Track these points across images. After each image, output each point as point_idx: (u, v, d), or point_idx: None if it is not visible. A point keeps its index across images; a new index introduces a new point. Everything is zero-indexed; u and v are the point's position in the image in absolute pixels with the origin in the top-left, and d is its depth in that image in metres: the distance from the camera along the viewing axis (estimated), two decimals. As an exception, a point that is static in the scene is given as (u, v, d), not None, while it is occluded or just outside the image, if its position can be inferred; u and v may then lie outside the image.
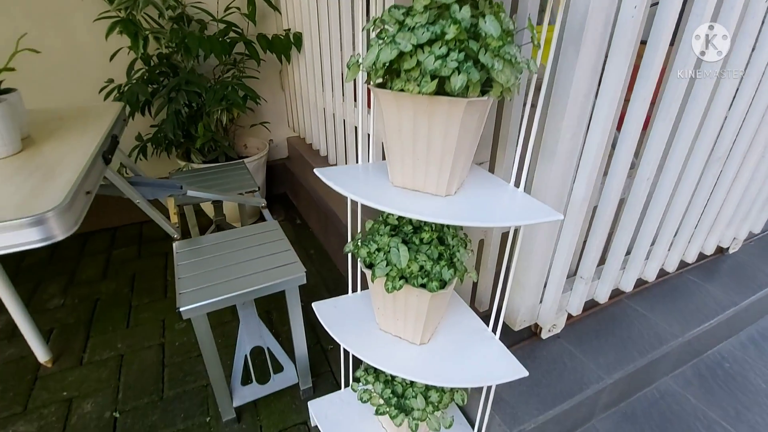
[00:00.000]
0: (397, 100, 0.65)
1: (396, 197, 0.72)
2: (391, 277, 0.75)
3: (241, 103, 1.85)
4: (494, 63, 0.57)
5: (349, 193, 0.74)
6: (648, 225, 1.21)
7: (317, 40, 1.82)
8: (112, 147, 1.16)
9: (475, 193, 0.75)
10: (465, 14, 0.55)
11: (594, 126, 0.91)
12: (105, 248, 2.06)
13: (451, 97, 0.61)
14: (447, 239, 0.79)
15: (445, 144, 0.66)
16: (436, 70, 0.57)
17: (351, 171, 0.84)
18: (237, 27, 1.95)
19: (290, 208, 2.47)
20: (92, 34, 1.84)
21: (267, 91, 2.34)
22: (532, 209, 0.71)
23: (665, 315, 1.41)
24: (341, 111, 1.75)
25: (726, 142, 1.22)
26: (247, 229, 1.29)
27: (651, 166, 1.06)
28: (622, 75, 0.86)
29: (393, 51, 0.58)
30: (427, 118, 0.65)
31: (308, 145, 2.29)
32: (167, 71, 1.89)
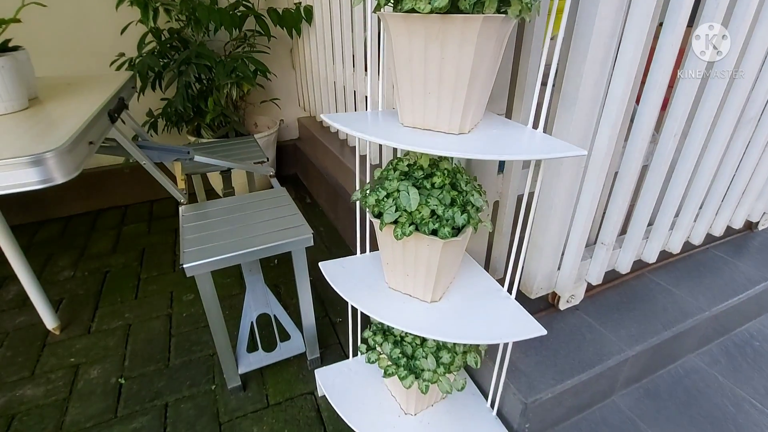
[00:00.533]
0: (408, 24, 0.61)
1: (406, 135, 0.68)
2: (400, 224, 0.71)
3: (251, 77, 1.83)
4: (513, -28, 0.52)
5: (356, 132, 0.69)
6: (673, 190, 1.14)
7: (328, 12, 1.79)
8: (118, 107, 1.14)
9: (490, 132, 0.71)
10: None
11: (618, 72, 0.85)
12: (116, 224, 2.07)
13: (465, 14, 0.56)
14: (460, 185, 0.74)
15: (459, 72, 0.62)
16: (449, -19, 0.52)
17: (360, 115, 0.80)
18: (247, 1, 1.92)
19: (300, 188, 2.45)
20: (103, 7, 1.83)
21: (277, 69, 2.31)
22: (552, 146, 0.65)
23: (691, 289, 1.34)
24: (352, 82, 1.71)
25: (759, 101, 1.14)
26: (255, 195, 1.27)
27: (678, 122, 0.99)
28: (650, 13, 0.80)
29: (403, -40, 0.53)
30: (440, 43, 0.60)
31: (319, 124, 2.25)
32: (178, 45, 1.88)
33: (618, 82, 0.86)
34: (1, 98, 0.94)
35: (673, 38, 0.85)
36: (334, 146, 2.00)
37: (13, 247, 1.28)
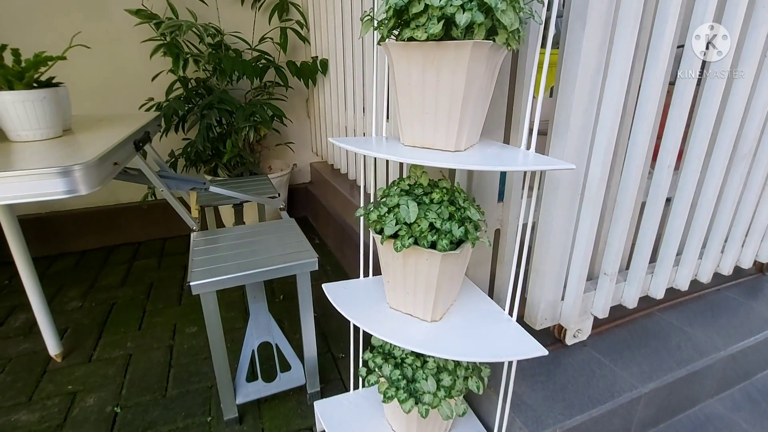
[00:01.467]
0: (407, 52, 0.68)
1: (406, 152, 0.73)
2: (400, 237, 0.73)
3: (268, 121, 1.95)
4: (497, 3, 0.59)
5: (361, 150, 0.75)
6: (673, 223, 1.16)
7: (341, 64, 1.94)
8: (143, 138, 1.23)
9: (485, 150, 0.75)
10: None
11: (606, 102, 0.91)
12: (127, 259, 2.12)
13: (457, 41, 0.63)
14: (458, 201, 0.78)
15: (453, 94, 0.68)
16: (442, 7, 0.59)
17: (364, 139, 0.86)
18: (269, 55, 2.11)
19: (310, 230, 2.50)
20: (138, 57, 2.02)
21: (293, 117, 2.47)
22: (544, 161, 0.69)
23: (705, 328, 1.30)
24: (362, 125, 1.82)
25: (750, 138, 1.18)
26: (264, 224, 1.31)
27: (671, 154, 1.03)
28: (630, 50, 0.87)
29: None
30: (435, 68, 0.66)
31: (330, 166, 2.35)
32: (203, 92, 2.04)
33: (607, 113, 0.91)
34: (39, 125, 1.03)
35: (657, 72, 0.91)
36: (343, 187, 2.07)
37: (31, 277, 1.33)
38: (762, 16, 1.02)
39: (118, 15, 1.94)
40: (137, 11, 1.88)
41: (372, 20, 0.70)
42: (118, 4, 1.94)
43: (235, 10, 2.16)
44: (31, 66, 1.04)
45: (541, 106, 0.75)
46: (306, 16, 2.24)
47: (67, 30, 1.90)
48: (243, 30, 2.16)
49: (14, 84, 1.01)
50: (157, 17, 1.91)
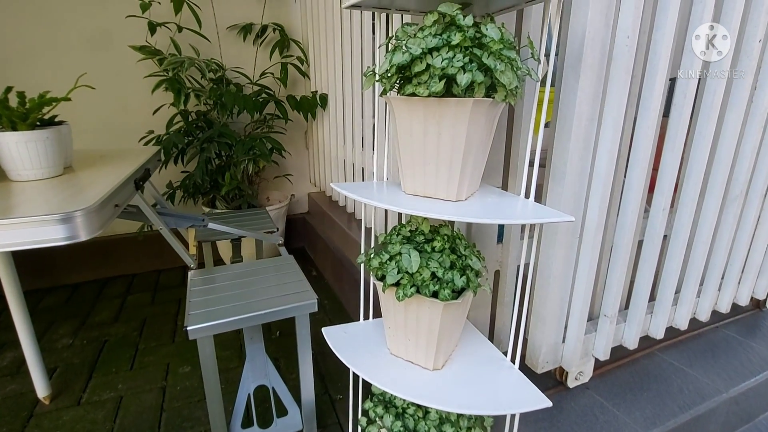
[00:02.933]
0: (409, 105, 0.70)
1: (407, 201, 0.74)
2: (402, 286, 0.73)
3: (267, 154, 1.97)
4: (496, 64, 0.62)
5: (361, 198, 0.75)
6: (670, 264, 1.17)
7: (341, 98, 1.98)
8: (144, 176, 1.23)
9: (486, 200, 0.76)
10: (468, 21, 0.61)
11: (601, 148, 0.93)
12: (121, 293, 2.08)
13: (458, 98, 0.65)
14: (459, 249, 0.78)
15: (454, 146, 0.69)
16: (444, 68, 0.61)
17: (366, 185, 0.87)
18: (270, 89, 2.15)
19: (307, 261, 2.48)
20: (140, 91, 2.05)
21: (292, 149, 2.49)
22: (543, 212, 0.70)
23: (706, 370, 1.29)
24: (360, 159, 1.84)
25: (741, 180, 1.21)
26: (262, 261, 1.30)
27: (665, 197, 1.05)
28: (623, 100, 0.90)
29: (405, 55, 0.64)
30: (437, 121, 0.68)
31: (328, 198, 2.36)
32: (203, 125, 2.06)
33: (602, 159, 0.93)
34: (40, 165, 1.04)
35: (649, 121, 0.94)
36: (341, 220, 2.08)
37: (22, 313, 1.30)
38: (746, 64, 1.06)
39: (122, 50, 1.99)
40: (141, 47, 1.92)
41: (374, 75, 0.72)
42: (122, 40, 1.99)
43: (238, 46, 2.22)
44: (36, 107, 1.05)
45: (538, 159, 0.76)
46: (306, 52, 2.30)
47: (74, 65, 1.94)
48: (245, 65, 2.21)
49: (18, 125, 1.02)
50: (161, 53, 1.95)
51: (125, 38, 1.98)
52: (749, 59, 1.06)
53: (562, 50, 0.88)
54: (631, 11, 0.83)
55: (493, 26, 0.62)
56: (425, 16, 0.67)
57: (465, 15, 0.64)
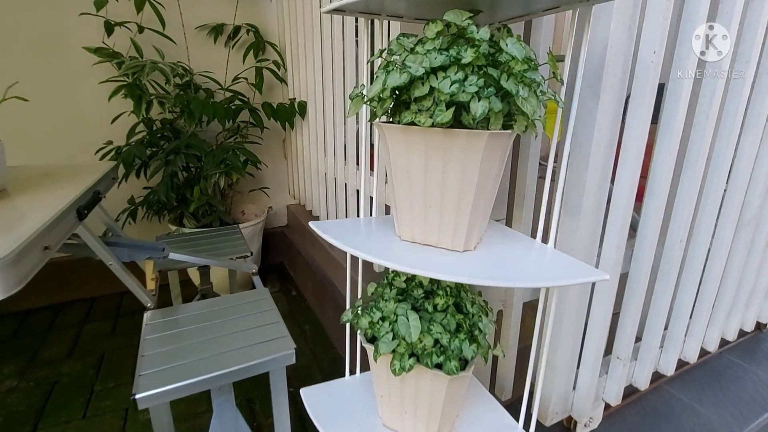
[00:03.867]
0: (406, 136, 0.56)
1: (404, 253, 0.60)
2: (398, 355, 0.60)
3: (240, 167, 1.81)
4: (519, 89, 0.49)
5: (348, 247, 0.61)
6: (684, 295, 1.07)
7: (321, 107, 1.83)
8: (90, 203, 1.06)
9: (497, 249, 0.63)
10: (484, 35, 0.48)
11: (621, 178, 0.82)
12: (78, 322, 1.88)
13: (470, 129, 0.52)
14: (465, 306, 0.65)
15: (463, 187, 0.56)
16: (453, 94, 0.48)
17: (351, 224, 0.73)
18: (243, 96, 1.98)
19: (286, 279, 2.32)
20: (97, 98, 1.85)
21: (269, 158, 2.33)
22: (569, 266, 0.58)
23: (716, 406, 1.20)
24: (343, 174, 1.70)
25: (755, 204, 1.13)
26: (233, 297, 1.14)
27: (682, 228, 0.95)
28: (646, 122, 0.79)
29: (403, 76, 0.50)
30: (441, 156, 0.55)
31: (308, 212, 2.21)
32: (169, 135, 1.88)
33: (622, 190, 0.82)
34: (-44, 195, 0.86)
35: (670, 146, 0.84)
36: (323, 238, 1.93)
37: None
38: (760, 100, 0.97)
39: (77, 53, 1.78)
40: (97, 49, 1.72)
41: (362, 97, 0.59)
42: (76, 41, 1.78)
43: (208, 48, 2.04)
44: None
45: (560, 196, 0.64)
46: (283, 55, 2.14)
47: (17, 68, 1.73)
48: (215, 69, 2.03)
49: (-75, 148, 0.84)
50: (120, 56, 1.76)
51: (80, 39, 1.78)
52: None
53: (574, 67, 0.76)
54: (659, 22, 0.72)
55: (513, 41, 0.49)
56: (426, 26, 0.54)
57: (476, 25, 0.51)
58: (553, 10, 0.59)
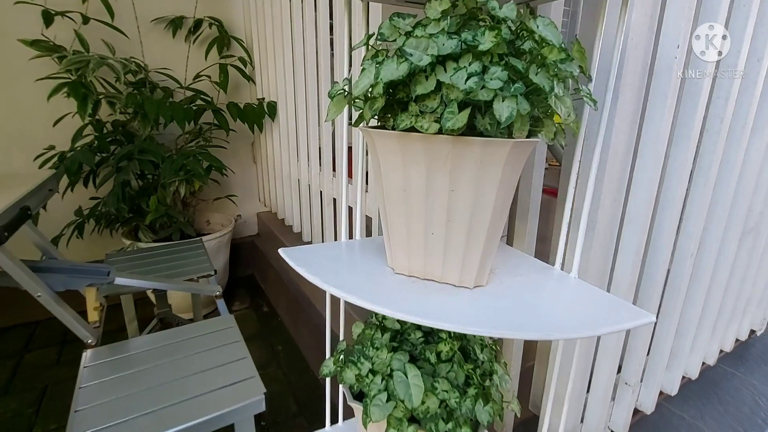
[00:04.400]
0: (403, 146, 0.44)
1: (400, 292, 0.48)
2: (395, 421, 0.47)
3: (202, 174, 1.63)
4: (553, 85, 0.37)
5: (328, 285, 0.48)
6: (691, 310, 1.00)
7: (293, 108, 1.69)
8: (15, 221, 0.88)
9: (513, 281, 0.52)
10: (509, 12, 0.37)
11: (637, 190, 0.72)
12: (17, 350, 1.65)
13: (487, 137, 0.40)
14: (473, 351, 0.53)
15: (476, 210, 0.44)
16: (471, 91, 0.36)
17: (331, 251, 0.60)
18: (206, 95, 1.81)
19: (257, 293, 2.15)
20: (37, 97, 1.64)
21: (237, 163, 2.15)
22: (601, 304, 0.47)
23: (719, 423, 1.14)
24: (317, 181, 1.56)
25: (756, 211, 1.07)
26: (192, 328, 0.99)
27: (693, 241, 0.87)
28: (667, 126, 0.70)
29: (402, 66, 0.38)
30: (449, 171, 0.43)
31: (280, 221, 2.05)
32: (121, 139, 1.68)
33: (638, 201, 0.73)
34: None
35: (687, 153, 0.75)
36: (296, 248, 1.78)
37: None
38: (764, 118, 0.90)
39: (12, 45, 1.56)
40: (34, 42, 1.51)
41: (346, 97, 0.46)
42: (12, 32, 1.57)
43: (165, 43, 1.85)
44: None
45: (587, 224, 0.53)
46: (251, 52, 1.98)
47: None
48: (174, 66, 1.85)
49: None
50: (62, 50, 1.55)
51: (16, 30, 1.57)
52: None
53: (606, 59, 0.66)
54: (683, 11, 0.63)
55: (546, 23, 0.37)
56: (428, 4, 0.42)
57: (495, 4, 0.39)
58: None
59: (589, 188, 0.51)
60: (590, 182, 0.51)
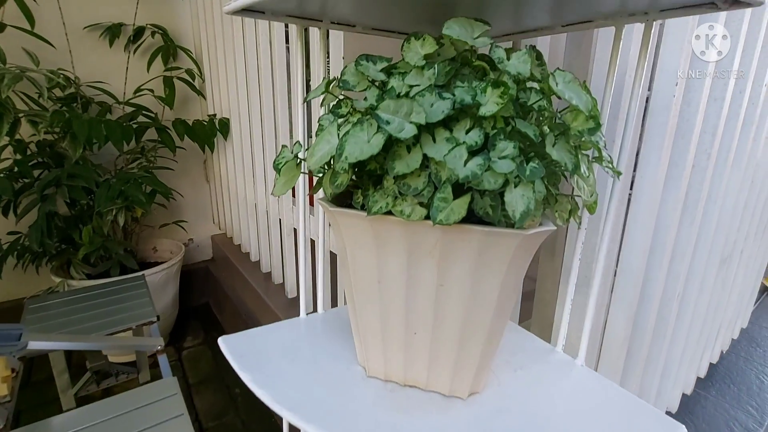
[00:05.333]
0: (377, 229, 0.33)
1: (374, 413, 0.37)
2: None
3: (144, 201, 1.45)
4: (578, 162, 0.28)
5: (281, 408, 0.37)
6: (675, 349, 0.96)
7: (247, 126, 1.54)
8: None
9: (513, 379, 0.42)
10: (522, 67, 0.27)
11: (630, 237, 0.66)
12: None
13: (488, 227, 0.30)
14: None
15: (473, 308, 0.34)
16: (472, 177, 0.26)
17: (286, 337, 0.48)
18: (149, 111, 1.62)
19: (212, 325, 1.96)
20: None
21: (187, 182, 1.97)
22: (623, 411, 0.38)
23: (701, 457, 1.11)
24: (276, 209, 1.42)
25: (731, 240, 1.05)
26: (125, 398, 0.83)
27: (680, 280, 0.83)
28: (664, 169, 0.64)
29: (375, 138, 0.27)
30: (437, 262, 0.33)
31: (236, 247, 1.88)
32: (48, 162, 1.47)
33: (632, 251, 0.66)
34: None
35: (679, 193, 0.70)
36: (254, 279, 1.63)
37: None
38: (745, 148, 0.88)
39: None
40: (-66, 51, 1.29)
41: (299, 165, 0.35)
42: None
43: (101, 53, 1.65)
44: None
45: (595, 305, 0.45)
46: (200, 64, 1.81)
47: None
48: (112, 79, 1.65)
49: None
50: (-29, 60, 1.34)
51: None
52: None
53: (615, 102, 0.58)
54: (683, 43, 0.56)
55: (567, 78, 0.28)
56: (406, 45, 0.32)
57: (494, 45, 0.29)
58: (582, 25, 0.40)
59: (598, 271, 0.43)
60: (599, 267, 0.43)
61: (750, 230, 1.19)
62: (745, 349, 1.60)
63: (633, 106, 0.40)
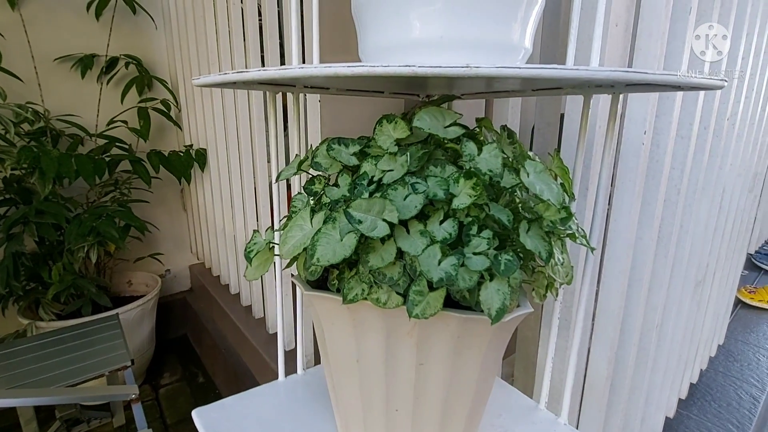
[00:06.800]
0: (353, 311, 0.32)
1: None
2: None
3: (117, 237, 1.41)
4: (552, 250, 0.28)
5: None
6: (656, 377, 0.97)
7: (224, 156, 1.52)
8: None
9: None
10: (494, 163, 0.27)
11: (608, 279, 0.67)
12: None
13: (465, 312, 0.30)
14: None
15: (455, 385, 0.34)
16: (447, 279, 0.26)
17: (263, 406, 0.46)
18: (123, 143, 1.59)
19: (190, 359, 1.90)
20: None
21: (164, 211, 1.92)
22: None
23: (686, 481, 1.11)
24: (256, 242, 1.40)
25: (704, 263, 1.08)
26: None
27: (659, 312, 0.84)
28: (635, 214, 0.65)
29: (348, 238, 0.26)
30: (415, 344, 0.32)
31: (215, 278, 1.84)
32: (16, 198, 1.42)
33: (610, 292, 0.67)
34: None
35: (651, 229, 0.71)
36: (234, 312, 1.58)
37: None
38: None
39: None
40: None
41: (271, 251, 0.34)
42: None
43: (72, 85, 1.61)
44: None
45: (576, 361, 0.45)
46: (176, 94, 1.79)
47: None
48: (84, 111, 1.61)
49: None
50: (-69, 96, 1.29)
51: None
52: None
53: (586, 170, 0.60)
54: (648, 96, 0.58)
55: (537, 168, 0.28)
56: (378, 128, 0.31)
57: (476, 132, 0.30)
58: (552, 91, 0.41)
59: (577, 333, 0.43)
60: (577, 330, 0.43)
61: (721, 252, 1.22)
62: (723, 365, 1.63)
63: (604, 175, 0.41)
